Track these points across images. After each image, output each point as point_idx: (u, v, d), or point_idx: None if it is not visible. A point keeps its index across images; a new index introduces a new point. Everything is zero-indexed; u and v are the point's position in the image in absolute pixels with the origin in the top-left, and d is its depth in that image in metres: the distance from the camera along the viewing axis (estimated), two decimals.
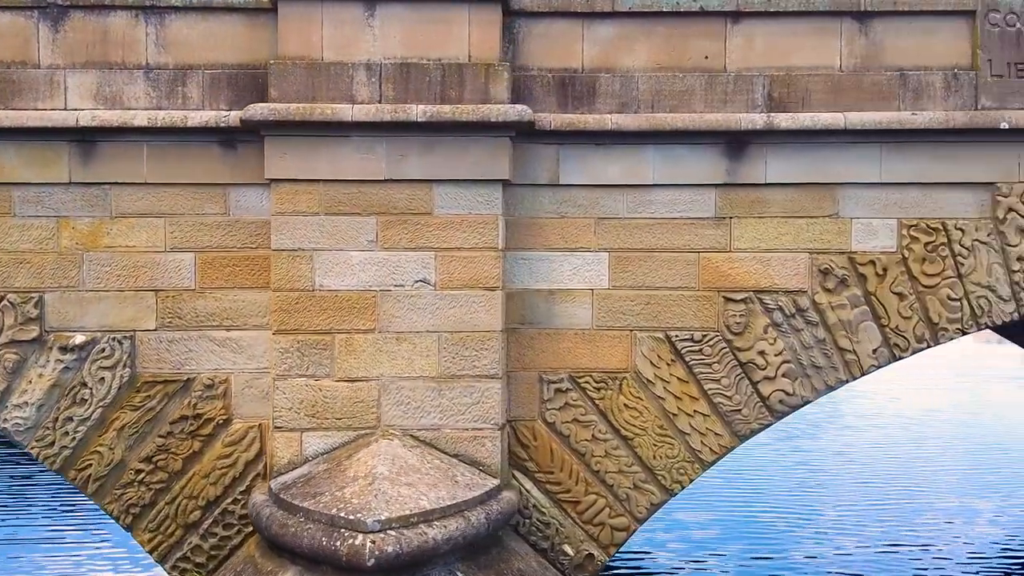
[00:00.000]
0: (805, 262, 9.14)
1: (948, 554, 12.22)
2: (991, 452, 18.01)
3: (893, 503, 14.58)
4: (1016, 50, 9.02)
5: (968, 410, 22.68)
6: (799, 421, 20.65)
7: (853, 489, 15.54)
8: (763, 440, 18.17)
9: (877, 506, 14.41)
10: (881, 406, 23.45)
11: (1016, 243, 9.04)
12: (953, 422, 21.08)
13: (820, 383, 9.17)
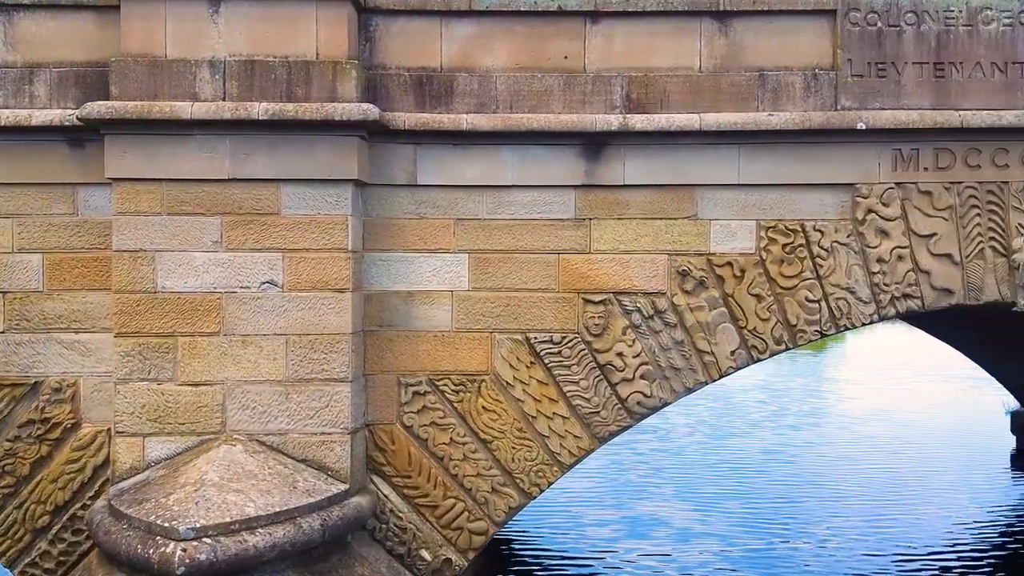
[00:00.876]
0: (664, 263, 8.96)
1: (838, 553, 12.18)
2: (917, 454, 17.79)
3: (792, 502, 14.51)
4: (877, 50, 8.87)
5: (913, 410, 22.38)
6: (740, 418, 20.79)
7: (766, 487, 15.45)
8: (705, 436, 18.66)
9: (780, 504, 14.34)
10: (831, 404, 23.45)
11: (876, 244, 8.89)
12: (896, 423, 20.79)
13: (679, 385, 9.00)
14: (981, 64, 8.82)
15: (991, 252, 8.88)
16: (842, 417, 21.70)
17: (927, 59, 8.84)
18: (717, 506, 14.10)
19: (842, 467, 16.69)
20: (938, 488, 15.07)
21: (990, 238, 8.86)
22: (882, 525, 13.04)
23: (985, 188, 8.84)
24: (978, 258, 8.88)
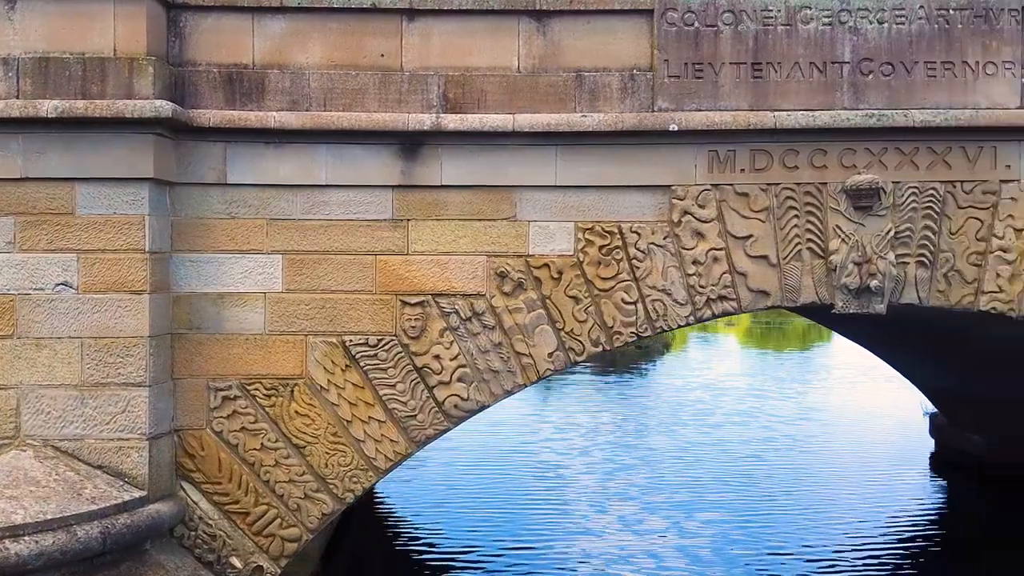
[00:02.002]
0: (483, 265, 8.76)
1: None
2: (834, 455, 17.58)
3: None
4: (694, 50, 8.73)
5: (841, 411, 22.21)
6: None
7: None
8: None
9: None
10: (765, 403, 23.21)
11: (691, 246, 8.74)
12: (822, 423, 20.59)
13: (498, 388, 8.80)
14: (800, 64, 8.70)
15: (809, 254, 8.77)
16: (771, 416, 21.44)
17: (745, 59, 8.72)
18: (617, 504, 13.96)
19: (757, 467, 16.46)
20: (856, 490, 14.88)
21: (808, 240, 8.76)
22: (799, 528, 12.87)
23: (803, 189, 8.73)
24: (796, 260, 8.77)
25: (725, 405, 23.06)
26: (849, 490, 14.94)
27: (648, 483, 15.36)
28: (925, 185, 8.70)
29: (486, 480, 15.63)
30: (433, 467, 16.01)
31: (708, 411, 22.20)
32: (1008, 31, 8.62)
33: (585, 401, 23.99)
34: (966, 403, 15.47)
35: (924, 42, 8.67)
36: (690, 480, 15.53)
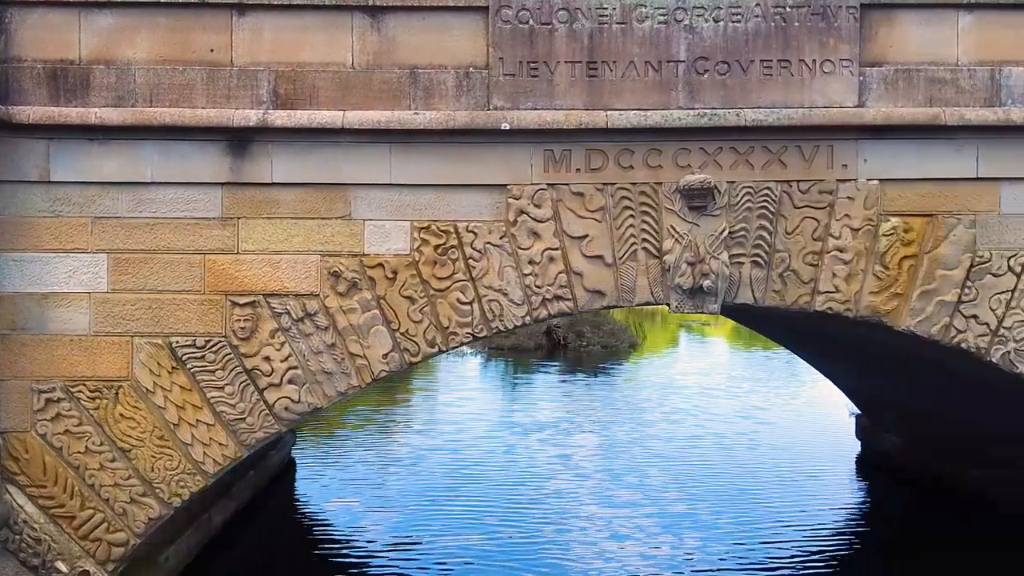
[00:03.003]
0: (316, 264, 8.56)
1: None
2: (763, 456, 17.20)
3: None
4: (529, 48, 8.58)
5: (775, 410, 21.85)
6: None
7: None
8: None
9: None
10: (709, 401, 22.95)
11: (528, 246, 8.58)
12: (756, 422, 20.27)
13: (331, 390, 8.61)
14: (635, 63, 8.57)
15: (644, 254, 8.64)
16: (711, 415, 21.23)
17: (580, 58, 8.57)
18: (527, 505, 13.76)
19: (683, 467, 16.26)
20: (780, 491, 14.74)
21: (643, 240, 8.62)
22: (722, 529, 12.67)
23: (639, 189, 8.60)
24: (631, 260, 8.64)
25: (668, 404, 22.91)
26: (773, 491, 14.79)
27: (568, 480, 15.23)
28: (760, 185, 8.60)
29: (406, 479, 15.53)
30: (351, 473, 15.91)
31: (649, 408, 22.11)
32: (846, 29, 8.53)
33: (528, 399, 23.92)
34: (883, 405, 15.48)
35: (760, 40, 8.56)
36: (610, 479, 15.38)
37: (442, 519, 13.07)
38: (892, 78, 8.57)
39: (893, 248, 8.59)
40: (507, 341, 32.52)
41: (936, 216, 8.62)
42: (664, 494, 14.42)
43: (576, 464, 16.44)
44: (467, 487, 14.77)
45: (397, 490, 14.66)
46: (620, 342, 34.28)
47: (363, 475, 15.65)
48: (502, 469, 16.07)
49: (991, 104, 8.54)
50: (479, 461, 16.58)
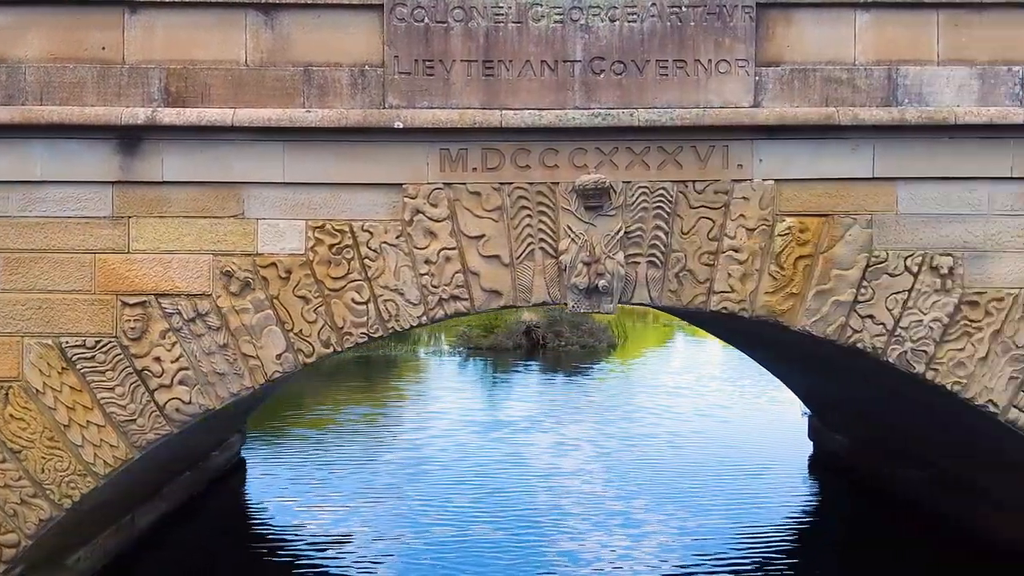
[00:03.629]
0: (208, 264, 8.45)
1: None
2: (716, 456, 16.91)
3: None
4: (425, 46, 8.51)
5: (732, 410, 21.48)
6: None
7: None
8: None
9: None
10: (665, 400, 22.64)
11: (424, 246, 8.51)
12: (715, 420, 20.08)
13: (224, 391, 8.49)
14: (531, 62, 8.51)
15: (541, 253, 8.58)
16: (669, 413, 21.02)
17: (476, 57, 8.50)
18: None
19: (634, 468, 15.99)
20: (731, 491, 14.57)
21: (540, 239, 8.54)
22: (676, 531, 12.50)
23: (535, 189, 8.52)
24: (528, 259, 8.57)
25: (632, 402, 22.70)
26: (721, 489, 14.66)
27: (514, 478, 15.13)
28: (656, 185, 8.55)
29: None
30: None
31: (611, 407, 22.00)
32: (741, 29, 8.49)
33: (493, 398, 23.79)
34: (830, 406, 15.47)
35: (656, 40, 8.52)
36: (557, 478, 15.27)
37: (388, 518, 12.97)
38: (788, 78, 8.55)
39: (788, 248, 8.56)
40: (486, 341, 32.49)
41: (832, 216, 8.60)
42: (611, 492, 14.33)
43: (525, 462, 16.36)
44: (414, 486, 14.65)
45: (347, 489, 14.49)
46: (599, 342, 34.21)
47: (314, 475, 15.45)
48: (449, 467, 15.97)
49: (888, 104, 8.52)
50: (429, 459, 16.49)
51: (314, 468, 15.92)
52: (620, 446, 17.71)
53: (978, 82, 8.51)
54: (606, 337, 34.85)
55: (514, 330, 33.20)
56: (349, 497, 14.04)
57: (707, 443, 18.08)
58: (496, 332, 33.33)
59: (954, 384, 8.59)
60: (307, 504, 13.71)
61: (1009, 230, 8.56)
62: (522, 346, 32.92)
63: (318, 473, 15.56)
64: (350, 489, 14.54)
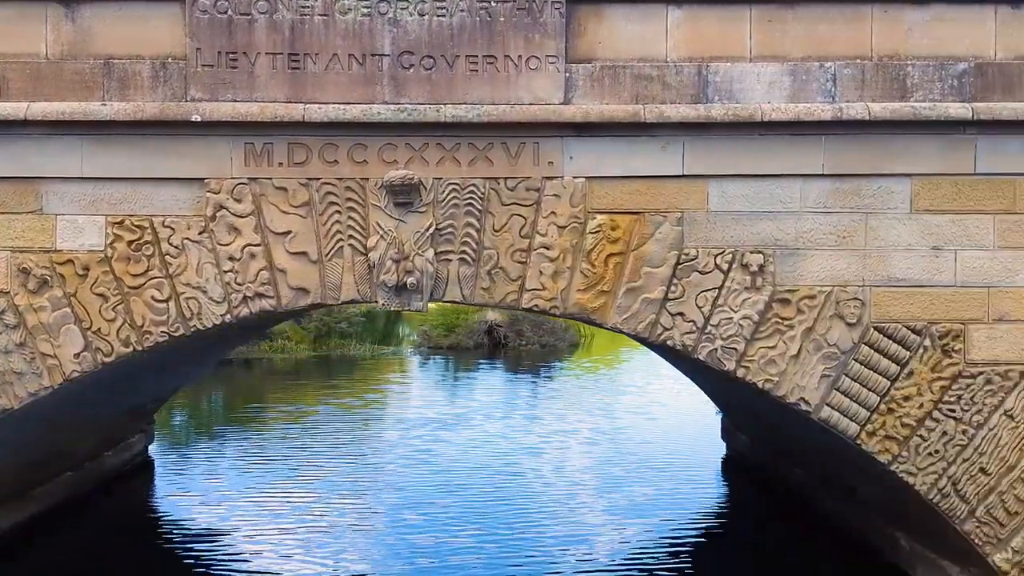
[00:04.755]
0: (5, 261, 8.17)
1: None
2: (630, 458, 16.63)
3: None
4: (228, 39, 8.25)
5: (649, 412, 21.14)
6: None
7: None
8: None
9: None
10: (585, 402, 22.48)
11: (228, 242, 8.28)
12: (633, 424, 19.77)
13: (22, 390, 8.18)
14: (339, 56, 8.34)
15: (351, 250, 8.41)
16: (602, 411, 20.96)
17: (282, 50, 8.29)
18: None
19: (541, 471, 15.75)
20: (645, 494, 14.35)
21: (350, 236, 8.38)
22: (586, 532, 12.28)
23: (344, 185, 8.34)
24: (337, 256, 8.39)
25: (569, 399, 22.71)
26: (633, 488, 14.55)
27: (425, 475, 15.02)
28: (466, 181, 8.41)
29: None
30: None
31: (547, 405, 21.93)
32: (552, 24, 8.38)
33: (431, 396, 23.65)
34: (735, 407, 15.41)
35: (466, 35, 8.37)
36: (476, 474, 15.19)
37: (287, 516, 12.79)
38: (598, 75, 8.45)
39: (599, 246, 8.46)
40: (446, 340, 32.33)
41: (643, 214, 8.51)
42: (524, 490, 14.28)
43: (439, 459, 16.27)
44: (319, 483, 14.50)
45: (252, 487, 14.28)
46: (560, 341, 34.20)
47: (228, 477, 15.20)
48: (355, 465, 15.84)
49: (698, 101, 8.44)
50: (342, 457, 16.35)
51: (230, 470, 15.63)
52: (539, 442, 17.71)
53: (789, 79, 8.46)
54: (568, 336, 34.86)
55: (475, 329, 33.12)
56: (259, 498, 13.75)
57: (628, 442, 18.04)
58: (457, 331, 33.23)
59: (765, 382, 8.54)
60: (210, 505, 13.43)
61: (821, 227, 8.52)
62: (483, 345, 32.85)
63: (232, 475, 15.27)
64: (252, 485, 14.30)
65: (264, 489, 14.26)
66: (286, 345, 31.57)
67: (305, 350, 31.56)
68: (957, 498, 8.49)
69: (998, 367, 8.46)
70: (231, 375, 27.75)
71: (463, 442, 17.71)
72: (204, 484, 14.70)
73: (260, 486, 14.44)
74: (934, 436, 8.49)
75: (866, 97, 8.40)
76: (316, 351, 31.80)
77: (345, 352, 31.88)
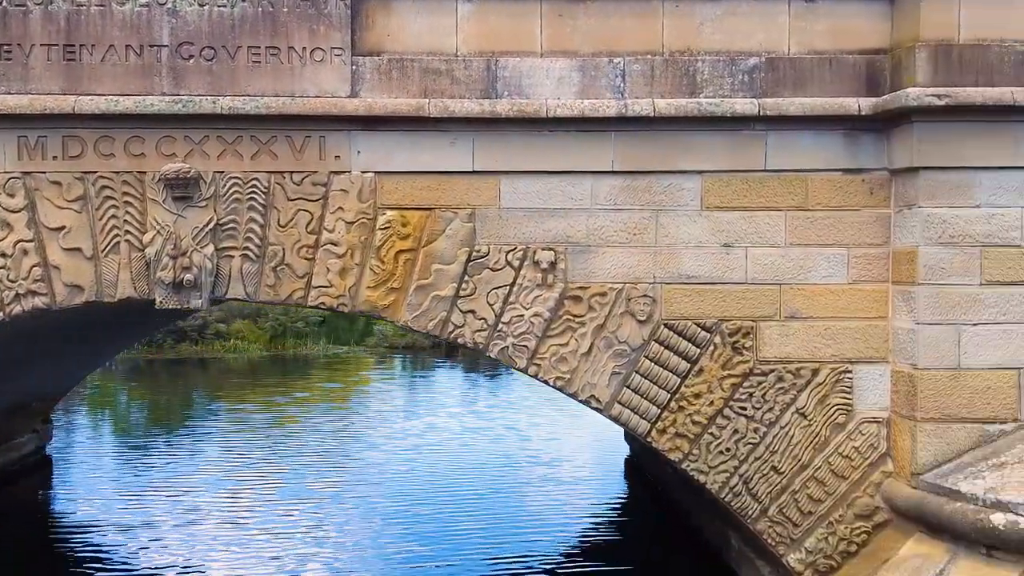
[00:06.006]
0: None
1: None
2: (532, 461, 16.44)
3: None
4: (2, 31, 7.88)
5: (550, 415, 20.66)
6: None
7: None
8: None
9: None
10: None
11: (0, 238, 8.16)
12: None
13: None
14: (116, 47, 8.05)
15: (127, 246, 8.11)
16: (525, 409, 20.81)
17: (57, 41, 7.99)
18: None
19: (446, 475, 15.53)
20: (549, 497, 14.26)
21: (127, 232, 8.09)
22: (488, 537, 12.18)
23: (121, 179, 8.08)
24: (114, 253, 8.09)
25: (502, 396, 22.67)
26: (541, 494, 14.39)
27: (321, 480, 14.84)
28: (249, 176, 8.18)
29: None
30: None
31: (472, 400, 21.94)
32: (337, 16, 8.16)
33: (352, 397, 23.58)
34: None
35: (248, 26, 8.12)
36: (368, 475, 15.10)
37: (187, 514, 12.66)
38: (386, 68, 8.25)
39: (389, 242, 8.27)
40: (403, 340, 32.03)
41: (434, 210, 8.32)
42: (426, 487, 14.30)
43: (339, 461, 16.15)
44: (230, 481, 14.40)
45: (155, 485, 14.13)
46: None
47: (131, 473, 15.00)
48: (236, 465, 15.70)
49: (488, 96, 8.27)
50: (259, 456, 16.30)
51: (136, 468, 15.41)
52: (453, 440, 17.70)
53: (579, 74, 8.31)
54: None
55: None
56: (159, 496, 13.60)
57: (540, 440, 18.01)
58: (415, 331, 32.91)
59: (556, 380, 8.40)
60: (106, 500, 13.25)
61: (612, 224, 8.39)
62: (441, 345, 32.52)
63: (138, 473, 15.06)
64: (168, 488, 14.10)
65: (170, 488, 14.12)
66: (238, 345, 31.50)
67: (259, 350, 31.33)
68: (749, 497, 8.40)
69: (790, 365, 8.38)
70: (185, 373, 27.84)
71: (382, 441, 17.64)
72: (97, 482, 14.48)
73: (167, 484, 14.29)
74: (725, 434, 8.39)
75: (655, 93, 8.29)
76: (271, 351, 31.58)
77: (300, 352, 31.58)
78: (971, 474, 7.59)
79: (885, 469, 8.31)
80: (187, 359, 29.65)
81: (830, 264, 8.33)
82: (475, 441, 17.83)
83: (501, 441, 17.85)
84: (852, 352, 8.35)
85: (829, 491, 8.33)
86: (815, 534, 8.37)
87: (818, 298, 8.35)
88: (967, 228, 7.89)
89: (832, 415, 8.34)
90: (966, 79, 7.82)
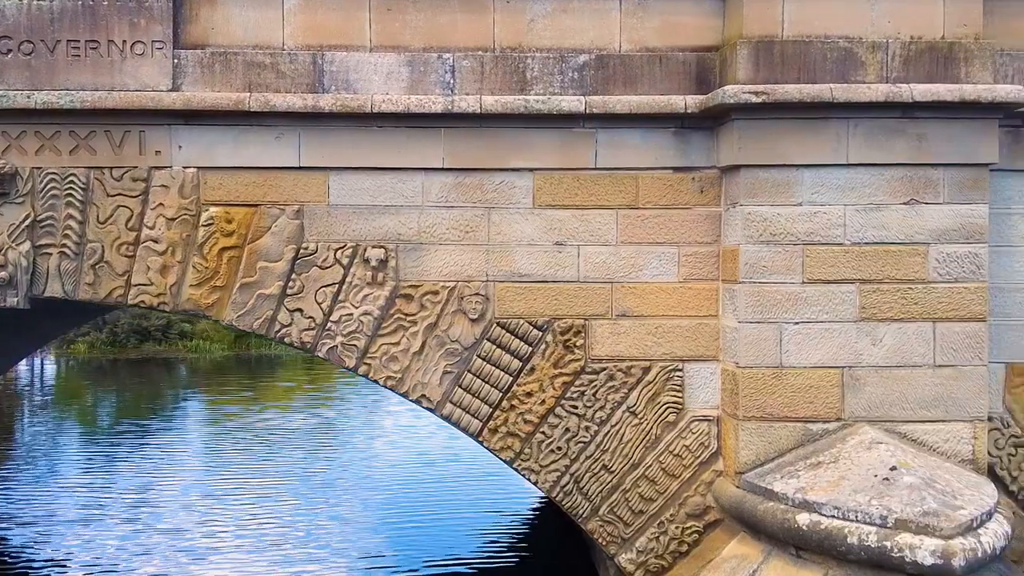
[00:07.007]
0: None
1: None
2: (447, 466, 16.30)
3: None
4: None
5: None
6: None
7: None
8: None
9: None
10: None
11: None
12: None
13: None
14: None
15: None
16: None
17: None
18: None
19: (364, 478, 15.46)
20: (465, 493, 14.35)
21: None
22: (406, 543, 12.11)
23: None
24: None
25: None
26: (456, 492, 14.42)
27: (245, 485, 14.75)
28: (67, 171, 7.97)
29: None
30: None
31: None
32: (158, 9, 7.95)
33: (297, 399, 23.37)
34: None
35: (67, 20, 7.92)
36: (294, 475, 15.01)
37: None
38: (209, 61, 8.08)
39: (213, 239, 8.10)
40: None
41: (260, 206, 8.16)
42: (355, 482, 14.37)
43: (270, 466, 15.97)
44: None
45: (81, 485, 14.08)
46: None
47: (58, 471, 14.91)
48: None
49: (314, 90, 8.12)
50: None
51: (63, 467, 15.37)
52: (392, 434, 17.95)
53: (408, 70, 8.18)
54: None
55: None
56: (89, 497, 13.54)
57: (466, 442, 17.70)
58: None
59: (387, 379, 8.26)
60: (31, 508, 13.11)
61: (444, 222, 8.26)
62: None
63: (68, 470, 15.01)
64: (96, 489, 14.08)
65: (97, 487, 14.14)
66: (200, 345, 31.35)
67: (223, 350, 31.04)
68: (580, 496, 8.31)
69: (621, 363, 8.29)
70: (146, 373, 27.69)
71: (322, 444, 17.59)
72: (24, 480, 14.34)
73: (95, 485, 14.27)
74: (557, 433, 8.29)
75: (485, 90, 8.17)
76: (235, 350, 31.32)
77: (264, 352, 31.28)
78: (788, 474, 7.53)
79: (716, 468, 8.24)
80: (151, 359, 29.36)
81: (661, 262, 8.25)
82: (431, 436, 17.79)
83: (430, 441, 17.82)
84: (683, 350, 8.27)
85: (660, 490, 8.25)
86: (646, 534, 8.30)
87: (649, 296, 8.27)
88: (789, 226, 7.83)
89: (663, 414, 8.26)
90: (788, 76, 7.76)
